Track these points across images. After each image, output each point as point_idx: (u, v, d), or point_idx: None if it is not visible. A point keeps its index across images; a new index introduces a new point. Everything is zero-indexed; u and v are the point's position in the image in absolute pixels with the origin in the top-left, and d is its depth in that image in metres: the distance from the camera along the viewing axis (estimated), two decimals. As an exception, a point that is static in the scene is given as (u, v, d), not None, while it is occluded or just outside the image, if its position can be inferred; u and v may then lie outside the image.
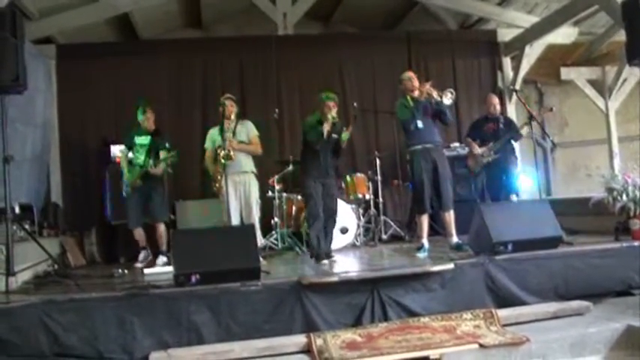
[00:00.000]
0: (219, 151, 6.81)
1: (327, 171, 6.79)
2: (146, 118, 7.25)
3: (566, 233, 6.39)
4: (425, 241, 6.86)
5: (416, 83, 6.88)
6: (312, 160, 6.79)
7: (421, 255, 6.66)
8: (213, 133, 7.11)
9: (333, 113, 6.63)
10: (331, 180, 6.85)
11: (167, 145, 7.13)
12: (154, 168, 7.06)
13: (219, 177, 6.94)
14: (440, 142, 6.96)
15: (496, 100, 8.31)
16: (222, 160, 6.71)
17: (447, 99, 6.65)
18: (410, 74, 7.03)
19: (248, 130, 7.15)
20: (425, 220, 6.93)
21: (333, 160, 6.93)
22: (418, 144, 6.77)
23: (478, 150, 8.08)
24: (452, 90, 6.74)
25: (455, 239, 6.73)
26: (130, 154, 7.29)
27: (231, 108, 7.04)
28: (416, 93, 6.81)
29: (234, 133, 6.99)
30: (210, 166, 7.14)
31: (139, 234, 7.26)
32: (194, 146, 9.15)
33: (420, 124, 6.72)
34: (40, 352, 4.62)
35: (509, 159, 8.01)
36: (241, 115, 7.38)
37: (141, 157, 7.18)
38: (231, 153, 6.74)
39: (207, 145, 7.18)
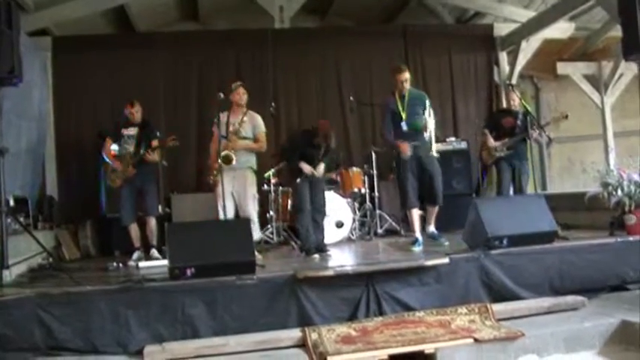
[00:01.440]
0: (221, 146, 6.73)
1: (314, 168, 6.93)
2: (135, 111, 7.22)
3: (562, 228, 6.40)
4: (418, 235, 6.87)
5: (407, 86, 6.88)
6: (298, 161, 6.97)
7: (416, 249, 6.68)
8: (221, 120, 6.92)
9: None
10: (318, 177, 6.98)
11: (157, 133, 7.08)
12: (150, 154, 7.00)
13: (215, 172, 6.85)
14: (426, 140, 6.93)
15: (514, 94, 8.12)
16: (220, 161, 6.65)
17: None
18: (407, 75, 6.92)
19: (255, 126, 6.98)
20: (415, 215, 6.95)
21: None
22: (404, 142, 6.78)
23: (493, 143, 8.03)
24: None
25: (432, 228, 7.01)
26: (115, 147, 7.21)
27: (244, 96, 6.92)
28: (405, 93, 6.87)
29: (239, 127, 6.90)
30: (213, 151, 7.04)
31: (135, 232, 7.18)
32: (190, 139, 9.17)
33: (404, 126, 6.81)
34: (34, 346, 4.62)
35: (522, 157, 7.89)
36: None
37: (130, 148, 7.13)
38: (232, 155, 6.67)
39: (216, 130, 6.94)
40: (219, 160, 6.61)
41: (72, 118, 9.24)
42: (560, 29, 10.14)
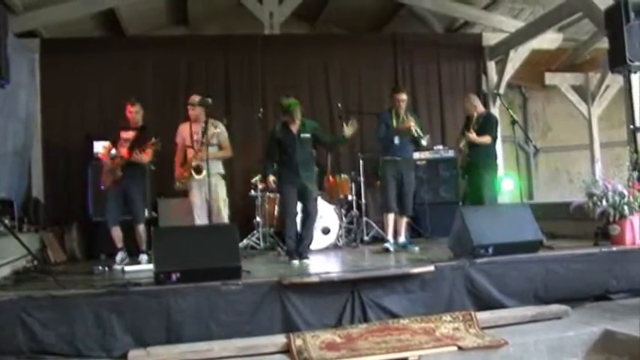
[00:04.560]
0: (188, 155, 6.95)
1: (299, 173, 6.82)
2: (134, 111, 7.19)
3: (547, 237, 6.44)
4: (390, 237, 7.45)
5: (403, 106, 7.47)
6: (284, 164, 6.91)
7: (387, 245, 7.35)
8: (184, 130, 7.16)
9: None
10: (308, 182, 6.89)
11: (153, 139, 7.04)
12: (137, 155, 6.95)
13: (183, 180, 6.96)
14: (410, 155, 7.65)
15: (467, 99, 8.18)
16: (193, 172, 6.83)
17: (424, 141, 7.34)
18: (404, 96, 7.52)
19: (220, 134, 7.13)
20: (391, 219, 7.49)
21: (313, 160, 7.19)
22: (390, 156, 7.43)
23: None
24: (429, 136, 7.60)
25: (402, 239, 7.56)
26: (113, 151, 7.19)
27: (192, 111, 7.15)
28: (405, 127, 7.37)
29: (203, 134, 6.96)
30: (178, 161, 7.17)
31: (117, 233, 7.12)
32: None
33: (396, 140, 7.38)
34: (17, 349, 4.58)
35: (479, 166, 7.80)
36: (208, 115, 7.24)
37: (123, 151, 7.09)
38: (202, 165, 6.76)
39: (179, 140, 7.21)
40: (192, 171, 6.83)
41: (59, 120, 9.17)
42: (549, 40, 10.23)
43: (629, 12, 6.13)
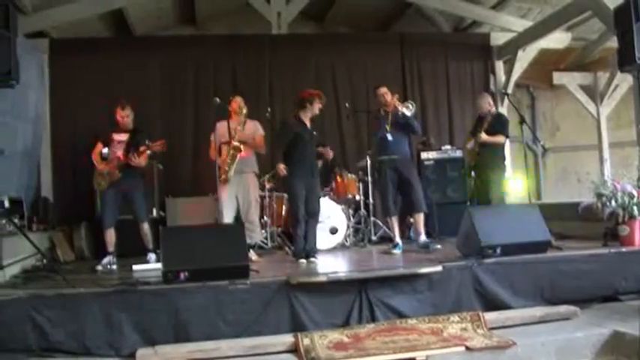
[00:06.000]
0: (230, 144, 6.88)
1: (311, 171, 6.87)
2: (125, 115, 7.17)
3: (555, 238, 6.43)
4: (398, 240, 7.36)
5: (388, 98, 7.31)
6: (297, 160, 6.85)
7: (396, 251, 7.20)
8: (222, 127, 7.04)
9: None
10: (315, 180, 6.92)
11: (147, 142, 7.00)
12: (136, 158, 6.94)
13: (226, 168, 6.89)
14: (407, 154, 7.48)
15: (482, 97, 8.21)
16: (232, 151, 6.83)
17: (408, 110, 7.12)
18: (383, 90, 7.41)
19: (256, 129, 7.22)
20: (395, 221, 7.41)
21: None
22: (385, 155, 7.28)
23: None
24: (412, 102, 7.35)
25: (423, 238, 7.29)
26: (105, 150, 7.16)
27: (235, 103, 7.17)
28: (390, 108, 7.25)
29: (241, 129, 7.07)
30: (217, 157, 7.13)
31: (111, 237, 7.07)
32: (185, 143, 9.18)
33: (389, 136, 7.21)
34: (26, 347, 4.63)
35: (489, 163, 7.81)
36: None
37: (119, 153, 7.05)
38: (241, 145, 6.84)
39: (215, 138, 7.06)
40: (231, 150, 6.84)
41: (68, 120, 9.20)
42: (557, 39, 10.20)
43: (638, 11, 6.09)
